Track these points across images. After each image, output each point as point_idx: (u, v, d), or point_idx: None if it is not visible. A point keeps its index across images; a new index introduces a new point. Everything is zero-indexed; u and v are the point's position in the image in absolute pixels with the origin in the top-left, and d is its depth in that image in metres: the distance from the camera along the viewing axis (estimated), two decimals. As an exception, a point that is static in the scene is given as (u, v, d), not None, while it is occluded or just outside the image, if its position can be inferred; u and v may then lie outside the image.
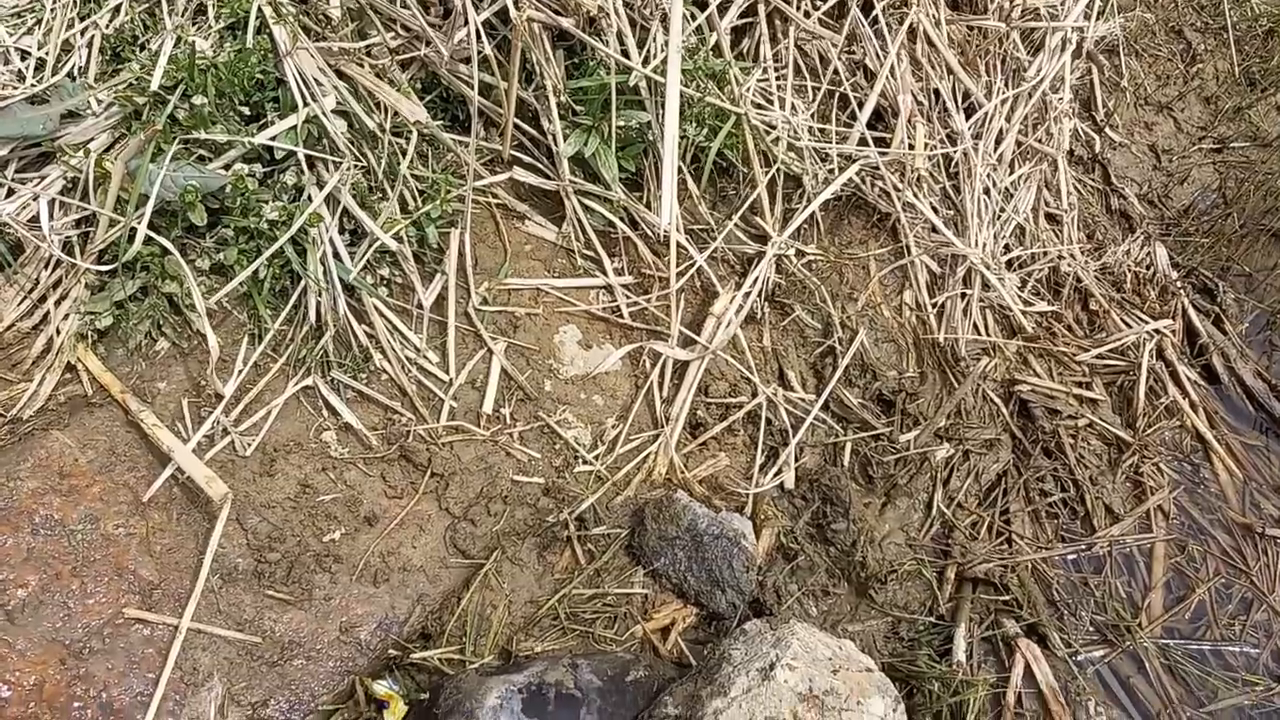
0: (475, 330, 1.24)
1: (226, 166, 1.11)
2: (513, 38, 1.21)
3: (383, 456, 1.15)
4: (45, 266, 1.12)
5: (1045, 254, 1.55)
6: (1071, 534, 1.36)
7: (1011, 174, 1.56)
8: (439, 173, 1.23)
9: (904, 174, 1.49)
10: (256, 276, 1.11)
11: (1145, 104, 1.81)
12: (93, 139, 1.11)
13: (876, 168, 1.49)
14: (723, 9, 1.43)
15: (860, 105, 1.51)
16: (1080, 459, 1.40)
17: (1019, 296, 1.51)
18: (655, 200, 1.34)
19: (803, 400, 1.35)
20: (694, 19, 1.39)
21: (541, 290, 1.31)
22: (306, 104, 1.12)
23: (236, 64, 1.10)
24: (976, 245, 1.48)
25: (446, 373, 1.21)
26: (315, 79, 1.13)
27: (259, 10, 1.12)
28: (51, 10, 1.12)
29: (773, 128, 1.44)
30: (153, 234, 1.06)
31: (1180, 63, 1.87)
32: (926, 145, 1.50)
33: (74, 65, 1.13)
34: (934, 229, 1.50)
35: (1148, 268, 1.62)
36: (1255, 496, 1.44)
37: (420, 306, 1.22)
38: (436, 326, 1.23)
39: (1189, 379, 1.51)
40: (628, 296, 1.34)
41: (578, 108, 1.30)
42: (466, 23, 1.21)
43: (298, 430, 1.13)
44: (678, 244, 1.31)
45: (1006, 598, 1.25)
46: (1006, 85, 1.58)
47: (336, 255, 1.14)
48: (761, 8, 1.50)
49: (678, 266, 1.31)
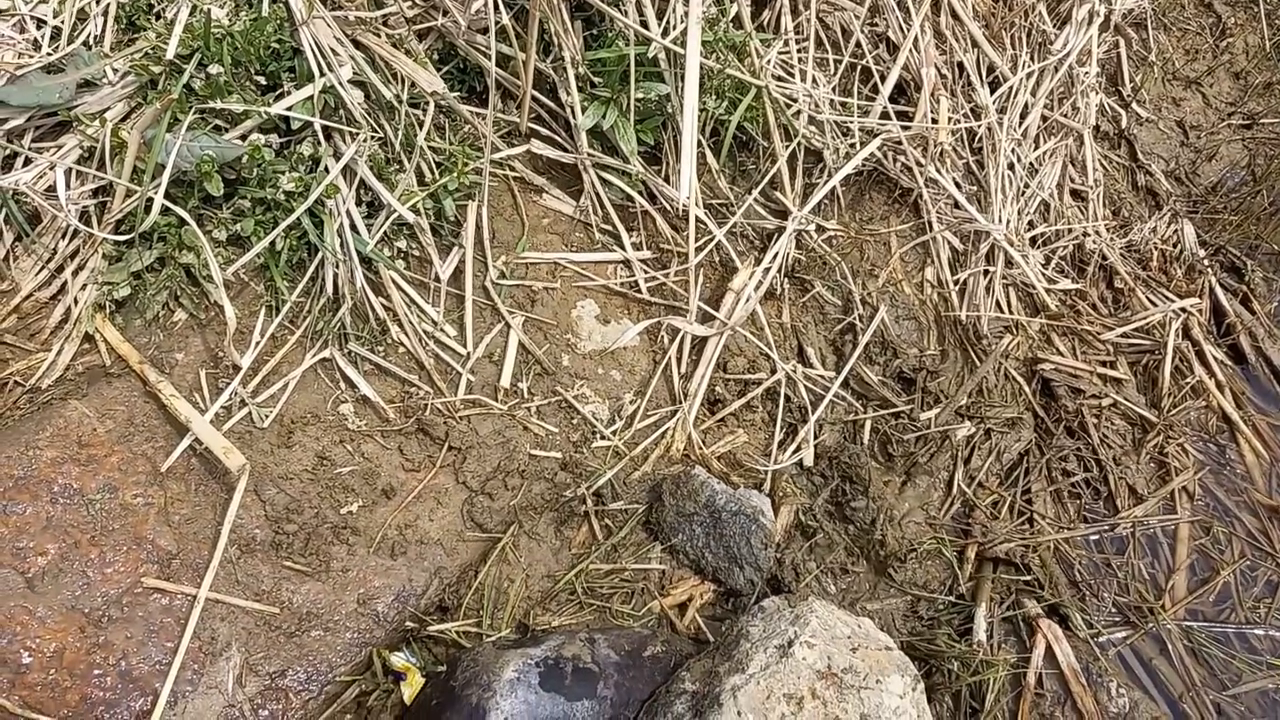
0: (493, 304, 1.23)
1: (243, 137, 1.10)
2: (531, 8, 1.19)
3: (400, 429, 1.15)
4: (63, 236, 1.11)
5: (1070, 231, 1.52)
6: (1094, 514, 1.34)
7: (1036, 149, 1.53)
8: (456, 145, 1.21)
9: (927, 149, 1.47)
10: (273, 248, 1.11)
11: (1173, 79, 1.77)
12: (109, 108, 1.10)
13: (899, 142, 1.46)
14: (743, -21, 1.41)
15: (883, 78, 1.48)
16: (1104, 439, 1.38)
17: (1042, 274, 1.48)
18: (674, 174, 1.32)
19: (822, 377, 1.33)
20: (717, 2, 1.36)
21: (559, 264, 1.30)
22: (323, 74, 1.11)
23: (252, 33, 1.08)
24: (1000, 221, 1.46)
25: (464, 346, 1.20)
26: (331, 49, 1.12)
27: (275, -22, 1.11)
28: (67, -22, 1.11)
29: (793, 101, 1.42)
30: (169, 204, 1.05)
31: (1209, 37, 1.83)
32: (950, 120, 1.47)
33: (90, 34, 1.12)
34: (956, 205, 1.47)
35: (1174, 245, 1.59)
36: (1282, 478, 1.41)
37: (438, 280, 1.21)
38: (454, 300, 1.22)
39: (1215, 358, 1.49)
40: (646, 271, 1.33)
41: (596, 79, 1.29)
42: (480, 13, 1.19)
43: (315, 402, 1.12)
44: (696, 218, 1.29)
45: (1028, 578, 1.24)
46: (1032, 59, 1.55)
47: (353, 227, 1.13)
48: (783, -22, 1.47)
49: (696, 241, 1.29)
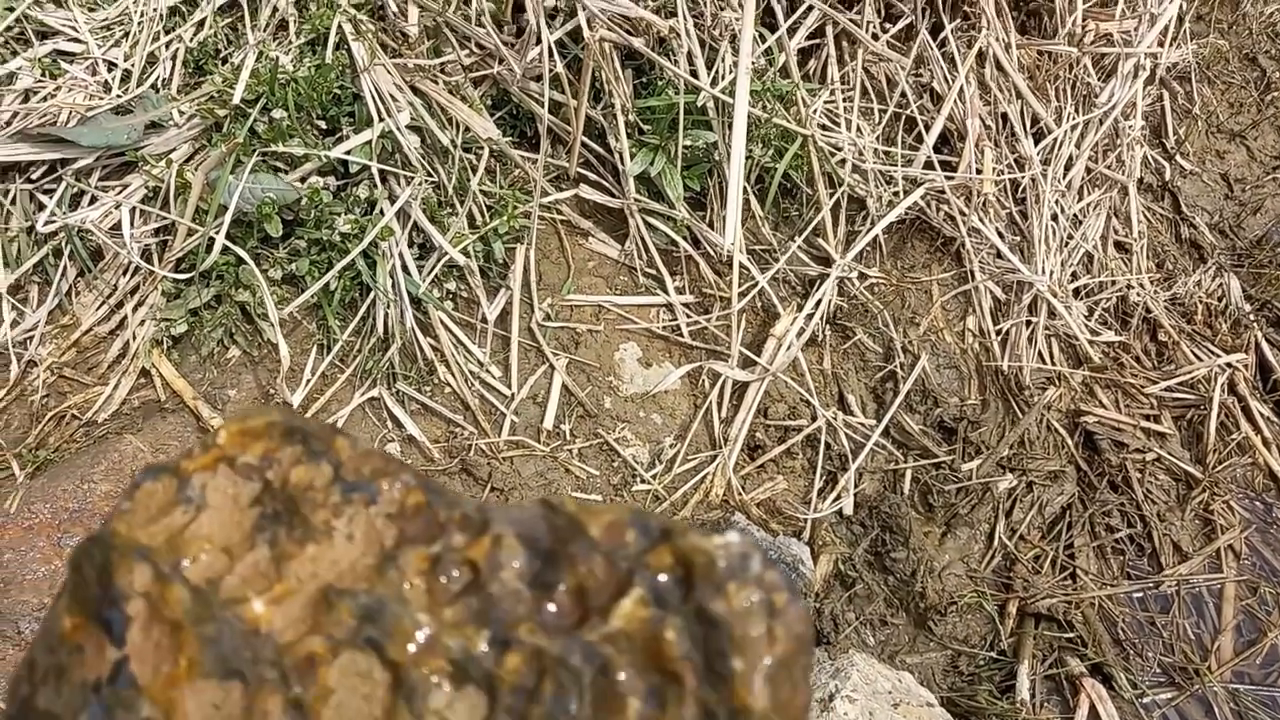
0: (537, 346, 1.25)
1: (302, 179, 1.13)
2: (584, 57, 1.21)
3: (444, 469, 1.16)
4: (124, 273, 1.14)
5: (1113, 283, 1.51)
6: (1138, 571, 1.32)
7: (1080, 201, 1.53)
8: (506, 188, 1.24)
9: (970, 198, 1.47)
10: (327, 288, 1.13)
11: (1217, 132, 1.77)
12: (174, 150, 1.13)
13: (941, 191, 1.47)
14: (791, 30, 1.43)
15: (927, 128, 1.49)
16: (1147, 494, 1.36)
17: (1086, 325, 1.48)
18: (719, 220, 1.33)
19: (862, 425, 1.33)
20: (763, 40, 1.38)
21: (603, 307, 1.31)
22: (382, 119, 1.14)
23: (316, 79, 1.11)
24: (1043, 272, 1.45)
25: (508, 387, 1.21)
26: (391, 94, 1.14)
27: (339, 27, 1.14)
28: (139, 24, 1.15)
29: (838, 149, 1.43)
30: (229, 244, 1.08)
31: (1254, 90, 1.82)
32: (994, 170, 1.47)
33: (158, 77, 1.15)
34: (999, 254, 1.47)
35: (1219, 299, 1.58)
36: (1331, 539, 1.39)
37: (484, 321, 1.22)
38: (500, 341, 1.24)
39: (1262, 415, 1.47)
40: (688, 315, 1.34)
41: (645, 126, 1.31)
42: (539, 41, 1.22)
43: (363, 440, 1.14)
44: (740, 264, 1.30)
45: (1070, 635, 1.22)
46: (1077, 110, 1.56)
47: (405, 268, 1.15)
48: (830, 29, 1.49)
49: (739, 287, 1.30)
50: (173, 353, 1.14)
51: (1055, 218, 1.51)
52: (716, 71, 1.30)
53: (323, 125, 1.15)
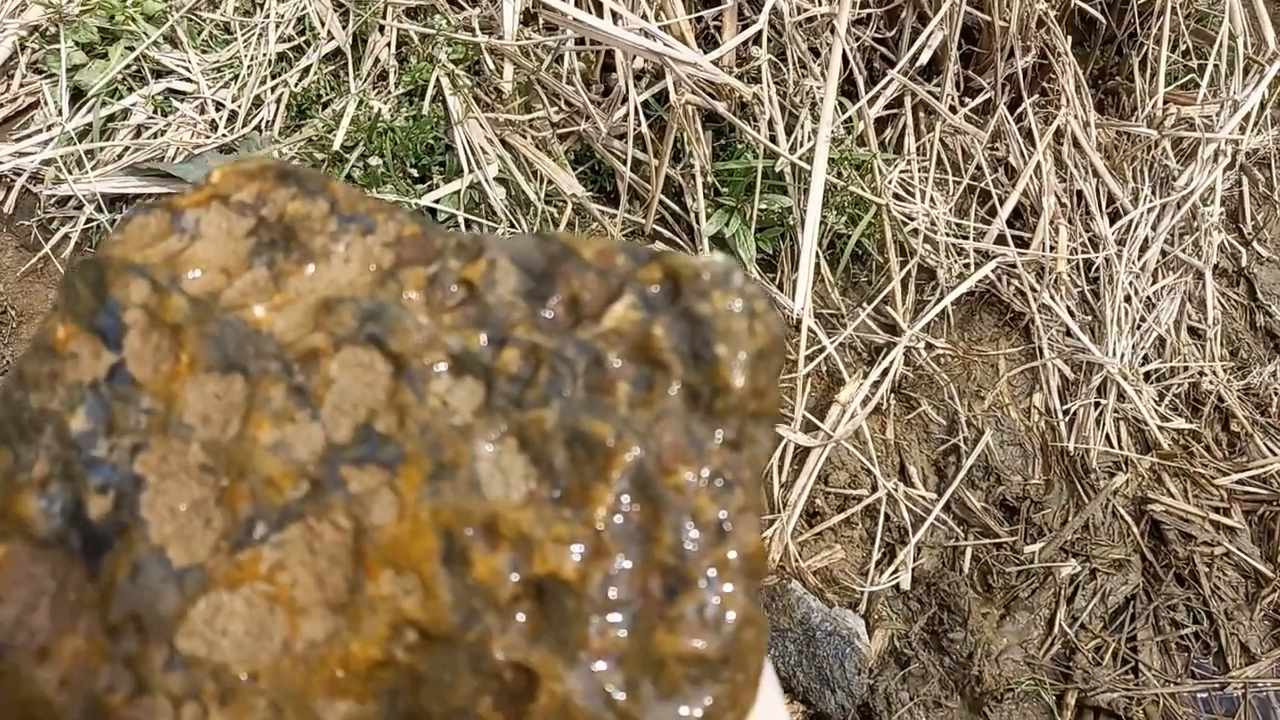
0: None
1: (391, 224, 1.16)
2: (669, 119, 1.24)
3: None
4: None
5: (1185, 369, 1.49)
6: (1203, 670, 1.28)
7: (1154, 283, 1.52)
8: (585, 242, 1.26)
9: (1042, 275, 1.47)
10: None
11: (1296, 219, 1.74)
12: (272, 188, 1.17)
13: (1013, 265, 1.46)
14: (871, 100, 1.45)
15: (1001, 202, 1.49)
16: (1215, 590, 1.33)
17: (1156, 411, 1.45)
18: (789, 283, 1.35)
19: (923, 498, 1.32)
20: (843, 109, 1.40)
21: (670, 363, 1.32)
22: (471, 170, 1.17)
23: (412, 129, 1.15)
24: (1114, 354, 1.44)
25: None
26: (481, 147, 1.18)
27: (437, 80, 1.18)
28: (248, 67, 1.20)
29: (911, 219, 1.43)
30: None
31: (1335, 178, 1.80)
32: (1069, 249, 1.47)
33: (263, 119, 1.20)
34: (1068, 333, 1.46)
35: (1294, 391, 1.55)
36: None
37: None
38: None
39: (1337, 515, 1.42)
40: (753, 376, 1.34)
41: (722, 188, 1.33)
42: (625, 101, 1.25)
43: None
44: (808, 328, 1.31)
45: (1130, 732, 1.19)
46: (1154, 193, 1.55)
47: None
48: (908, 100, 1.50)
49: (806, 351, 1.31)
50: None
51: (1128, 299, 1.49)
52: (795, 138, 1.32)
53: (415, 173, 1.19)
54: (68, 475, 0.29)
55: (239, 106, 1.20)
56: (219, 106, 1.21)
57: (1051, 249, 1.47)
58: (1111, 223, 1.52)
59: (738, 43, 1.34)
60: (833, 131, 1.40)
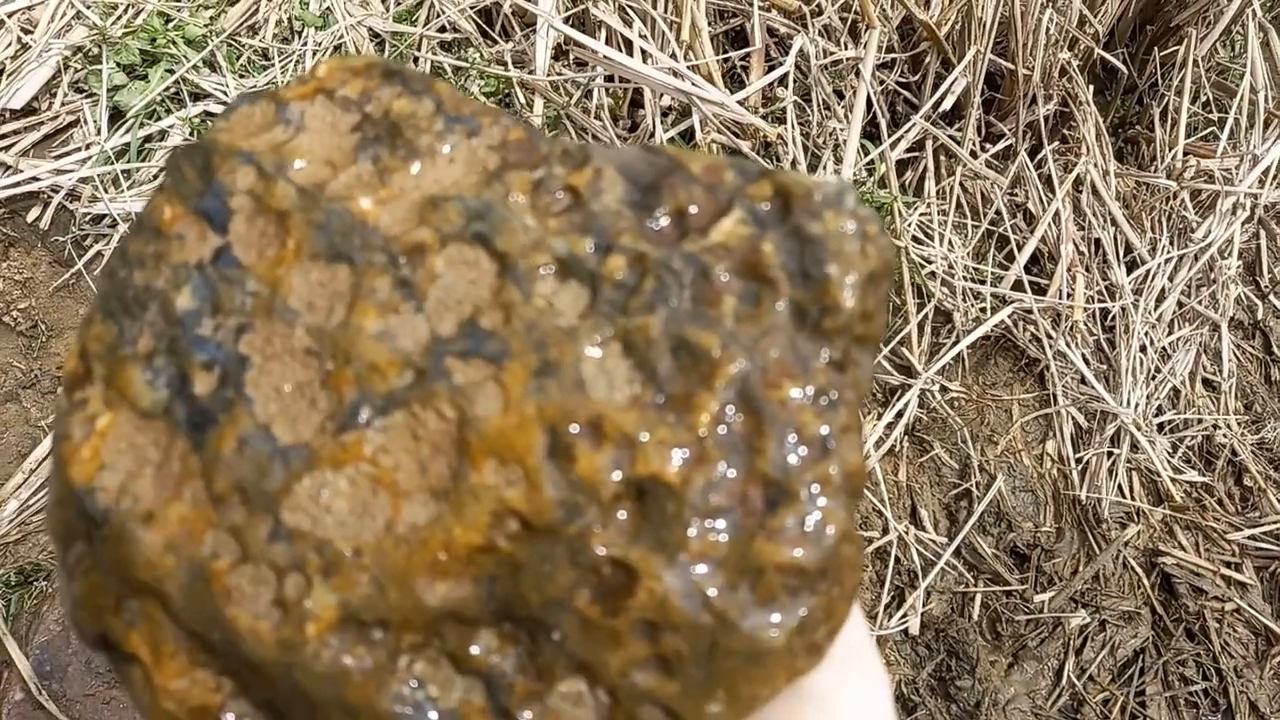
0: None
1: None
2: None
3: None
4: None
5: (1199, 421, 1.49)
6: (1211, 727, 1.28)
7: (1170, 334, 1.52)
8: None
9: (1058, 321, 1.47)
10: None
11: (1313, 273, 1.74)
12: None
13: (1029, 311, 1.47)
14: (892, 144, 1.46)
15: (1019, 247, 1.50)
16: (1225, 646, 1.32)
17: (1168, 462, 1.45)
18: (807, 323, 1.35)
19: (934, 542, 1.32)
20: (866, 152, 1.42)
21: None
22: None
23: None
24: (1128, 404, 1.44)
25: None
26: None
27: (468, 113, 1.20)
28: (284, 93, 1.23)
29: (929, 261, 1.44)
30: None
31: (1354, 234, 1.80)
32: (1085, 297, 1.48)
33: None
34: (1082, 380, 1.46)
35: (1308, 447, 1.54)
36: None
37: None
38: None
39: (1349, 574, 1.42)
40: (768, 414, 1.35)
41: (744, 226, 1.34)
42: (652, 138, 1.27)
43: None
44: (825, 369, 1.32)
45: (1136, 788, 1.18)
46: (1172, 244, 1.56)
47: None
48: (929, 144, 1.52)
49: (822, 391, 1.32)
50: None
51: (1143, 349, 1.50)
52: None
53: (442, 203, 1.20)
54: (172, 351, 0.30)
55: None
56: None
57: (1068, 296, 1.47)
58: (1129, 272, 1.53)
59: (764, 84, 1.36)
60: (855, 173, 1.42)
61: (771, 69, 1.37)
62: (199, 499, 0.29)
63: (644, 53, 1.29)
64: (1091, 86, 1.61)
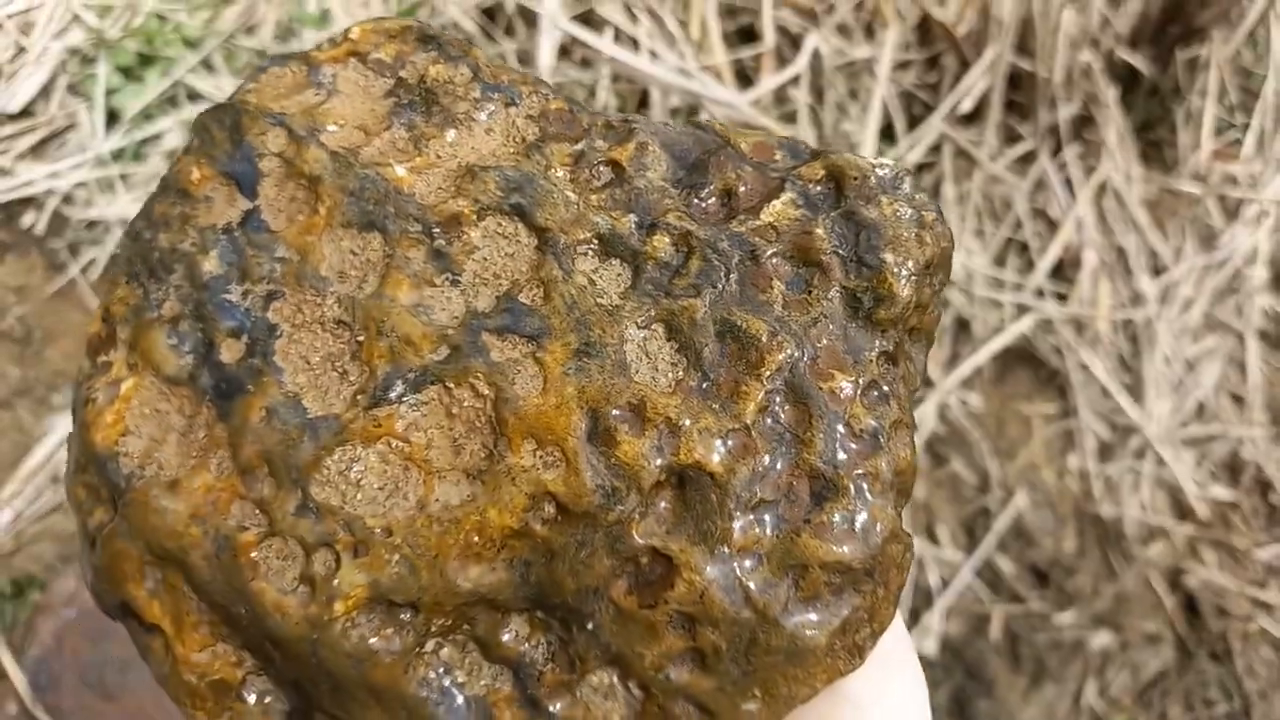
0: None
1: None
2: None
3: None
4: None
5: (1225, 435, 1.45)
6: (1236, 753, 1.24)
7: (1194, 345, 1.48)
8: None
9: (1080, 331, 1.43)
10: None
11: (1341, 281, 1.70)
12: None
13: (1049, 320, 1.43)
14: (909, 147, 1.42)
15: (1039, 254, 1.46)
16: (1249, 667, 1.28)
17: (1193, 478, 1.41)
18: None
19: (952, 560, 1.28)
20: (881, 154, 1.38)
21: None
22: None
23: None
24: (1152, 418, 1.40)
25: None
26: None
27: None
28: (284, 95, 1.20)
29: (946, 270, 1.41)
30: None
31: (1383, 241, 1.75)
32: (1109, 306, 1.43)
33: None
34: (1104, 392, 1.42)
35: (1337, 461, 1.50)
36: None
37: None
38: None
39: (1379, 593, 1.38)
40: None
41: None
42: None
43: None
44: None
45: (1160, 816, 1.14)
46: (1196, 251, 1.51)
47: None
48: (946, 147, 1.48)
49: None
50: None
51: (1167, 361, 1.45)
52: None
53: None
54: (199, 316, 0.29)
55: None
56: (253, 134, 1.20)
57: (1091, 305, 1.43)
58: (1152, 279, 1.49)
59: (775, 84, 1.33)
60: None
61: (783, 68, 1.34)
62: (225, 469, 0.28)
63: (651, 51, 1.25)
64: (1111, 89, 1.56)
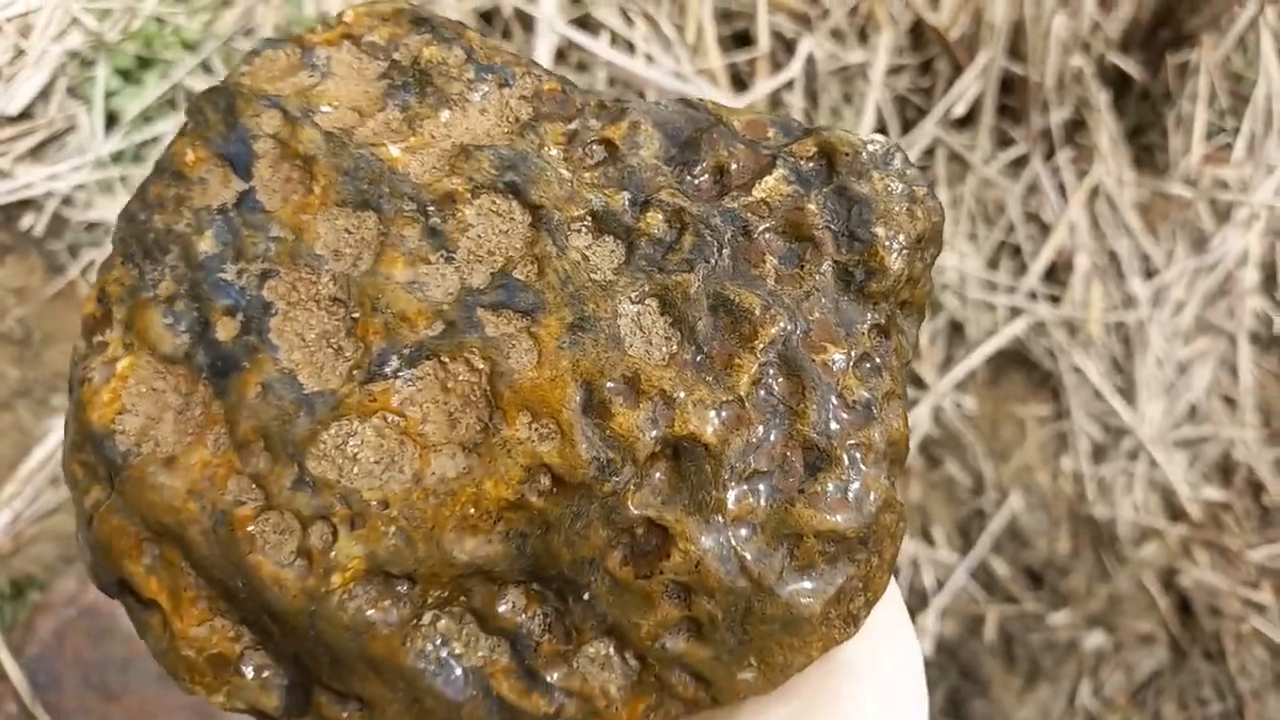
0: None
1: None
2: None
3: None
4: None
5: (1217, 437, 1.46)
6: (1229, 752, 1.24)
7: (1186, 347, 1.49)
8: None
9: (1072, 333, 1.44)
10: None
11: (1331, 284, 1.71)
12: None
13: (1042, 323, 1.44)
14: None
15: (1033, 257, 1.47)
16: (1242, 667, 1.29)
17: (1185, 479, 1.42)
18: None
19: (946, 562, 1.29)
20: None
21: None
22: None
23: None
24: (1144, 420, 1.41)
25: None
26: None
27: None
28: (283, 98, 1.20)
29: (940, 272, 1.42)
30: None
31: (1372, 244, 1.77)
32: (1101, 309, 1.45)
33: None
34: (1097, 394, 1.43)
35: (1328, 463, 1.51)
36: None
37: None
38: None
39: (1370, 594, 1.39)
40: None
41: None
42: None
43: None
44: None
45: (1154, 815, 1.15)
46: (1187, 253, 1.53)
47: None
48: (940, 151, 1.49)
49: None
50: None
51: (1160, 363, 1.47)
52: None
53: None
54: (194, 296, 0.29)
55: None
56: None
57: (1084, 308, 1.44)
58: (1144, 282, 1.50)
59: (770, 89, 1.34)
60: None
61: (778, 72, 1.35)
62: (222, 445, 0.28)
63: (647, 55, 1.26)
64: (1103, 93, 1.58)
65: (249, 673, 0.28)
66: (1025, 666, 1.24)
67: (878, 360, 0.29)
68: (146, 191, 0.31)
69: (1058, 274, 1.52)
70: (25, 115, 1.22)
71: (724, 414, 0.28)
